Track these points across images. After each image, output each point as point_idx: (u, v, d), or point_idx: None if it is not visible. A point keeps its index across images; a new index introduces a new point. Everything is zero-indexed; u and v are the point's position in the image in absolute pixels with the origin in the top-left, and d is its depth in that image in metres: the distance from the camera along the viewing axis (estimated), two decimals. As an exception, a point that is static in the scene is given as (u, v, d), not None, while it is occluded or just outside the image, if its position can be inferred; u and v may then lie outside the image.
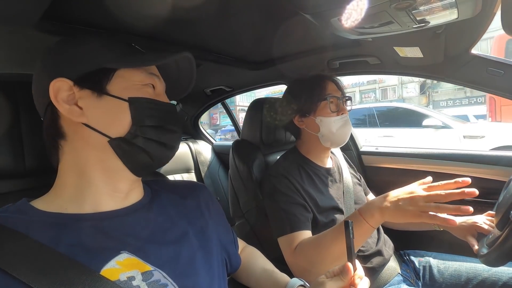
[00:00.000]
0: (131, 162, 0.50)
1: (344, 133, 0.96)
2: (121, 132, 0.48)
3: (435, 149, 1.31)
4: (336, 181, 1.02)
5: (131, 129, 0.48)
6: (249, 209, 1.19)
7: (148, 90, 0.51)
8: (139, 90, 0.50)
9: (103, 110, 0.48)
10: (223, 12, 0.76)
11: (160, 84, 0.54)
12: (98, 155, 0.48)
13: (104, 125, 0.48)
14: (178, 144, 0.55)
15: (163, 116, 0.51)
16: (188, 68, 0.58)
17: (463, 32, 0.81)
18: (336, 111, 0.95)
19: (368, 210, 0.70)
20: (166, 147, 0.52)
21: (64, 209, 0.47)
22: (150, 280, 0.44)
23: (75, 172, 0.49)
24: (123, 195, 0.52)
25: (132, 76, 0.50)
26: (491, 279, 0.89)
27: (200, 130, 2.21)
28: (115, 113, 0.48)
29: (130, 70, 0.50)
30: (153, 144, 0.50)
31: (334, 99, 0.95)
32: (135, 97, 0.49)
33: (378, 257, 0.92)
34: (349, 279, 0.47)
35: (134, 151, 0.49)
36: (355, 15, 0.66)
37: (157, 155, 0.51)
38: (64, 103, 0.47)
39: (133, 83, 0.50)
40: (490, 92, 1.00)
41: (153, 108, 0.50)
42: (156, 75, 0.54)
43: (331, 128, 0.94)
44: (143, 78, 0.51)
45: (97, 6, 0.66)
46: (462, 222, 0.87)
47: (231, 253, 0.66)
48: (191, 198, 0.61)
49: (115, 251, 0.44)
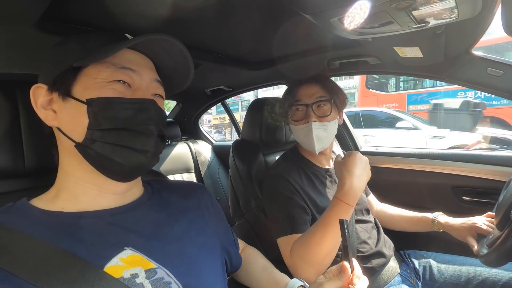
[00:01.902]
0: (101, 168, 0.46)
1: (308, 141, 0.92)
2: (81, 137, 0.45)
3: (435, 149, 1.31)
4: (335, 181, 1.01)
5: (87, 134, 0.44)
6: (249, 209, 1.19)
7: (115, 87, 0.46)
8: (103, 88, 0.45)
9: (68, 114, 0.46)
10: (223, 12, 0.76)
11: (139, 79, 0.49)
12: (76, 158, 0.47)
13: (69, 129, 0.46)
14: (155, 148, 0.48)
15: (130, 116, 0.45)
16: (183, 60, 0.53)
17: (463, 32, 0.81)
18: (301, 119, 0.93)
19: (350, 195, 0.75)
20: (137, 151, 0.46)
21: (62, 208, 0.47)
22: (154, 278, 0.44)
23: (63, 174, 0.49)
24: (118, 196, 0.51)
25: (97, 73, 0.45)
26: (491, 279, 0.88)
27: (200, 130, 2.21)
28: (75, 116, 0.45)
29: (96, 67, 0.45)
30: (117, 149, 0.45)
31: (301, 106, 0.93)
32: (93, 97, 0.44)
33: (378, 258, 0.92)
34: (347, 278, 0.47)
35: (97, 157, 0.45)
36: (355, 16, 0.66)
37: (125, 160, 0.45)
38: (42, 108, 0.47)
39: (96, 81, 0.45)
40: (490, 92, 1.00)
41: (116, 108, 0.44)
42: (131, 69, 0.48)
43: (298, 136, 0.96)
44: (109, 74, 0.46)
45: (97, 6, 0.66)
46: (462, 223, 0.87)
47: (232, 253, 0.66)
48: (191, 198, 0.61)
49: (118, 248, 0.44)
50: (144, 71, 0.50)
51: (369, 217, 1.01)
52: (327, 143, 0.96)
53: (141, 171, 0.50)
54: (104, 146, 0.44)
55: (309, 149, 0.95)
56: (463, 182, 1.21)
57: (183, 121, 2.11)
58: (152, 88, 0.51)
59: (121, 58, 0.47)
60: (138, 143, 0.46)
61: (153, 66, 0.54)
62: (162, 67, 0.55)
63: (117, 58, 0.46)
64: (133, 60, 0.49)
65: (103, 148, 0.44)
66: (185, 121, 2.12)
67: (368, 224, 0.98)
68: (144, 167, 0.48)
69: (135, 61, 0.49)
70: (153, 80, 0.51)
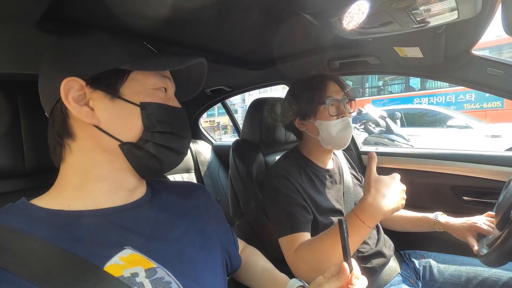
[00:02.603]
0: (140, 166, 0.50)
1: (344, 136, 0.93)
2: (132, 137, 0.48)
3: (435, 149, 1.31)
4: (337, 182, 1.01)
5: (142, 135, 0.48)
6: (249, 209, 1.19)
7: (160, 94, 0.51)
8: (152, 94, 0.49)
9: (115, 114, 0.47)
10: (223, 12, 0.76)
11: (171, 87, 0.54)
12: (108, 156, 0.48)
13: (116, 128, 0.47)
14: (187, 150, 0.55)
15: (173, 121, 0.51)
16: (198, 71, 0.58)
17: (463, 32, 0.81)
18: (336, 114, 0.93)
19: (367, 213, 0.69)
20: (176, 153, 0.52)
21: (67, 206, 0.46)
22: (154, 277, 0.44)
23: (81, 171, 0.48)
24: (128, 193, 0.52)
25: (146, 79, 0.49)
26: (491, 279, 0.88)
27: (200, 130, 2.21)
28: (126, 117, 0.47)
29: (144, 73, 0.49)
30: (163, 150, 0.50)
31: (334, 101, 0.93)
32: (147, 102, 0.48)
33: (378, 258, 0.92)
34: (346, 279, 0.47)
35: (144, 156, 0.49)
36: (355, 16, 0.66)
37: (166, 160, 0.51)
38: (74, 102, 0.46)
39: (146, 87, 0.49)
40: (490, 92, 1.00)
41: (164, 114, 0.50)
42: (169, 78, 0.53)
43: (331, 132, 0.92)
44: (156, 81, 0.50)
45: (97, 6, 0.66)
46: (462, 223, 0.87)
47: (232, 253, 0.66)
48: (191, 198, 0.61)
49: (118, 247, 0.44)
50: (172, 81, 0.55)
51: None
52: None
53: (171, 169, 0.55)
54: (155, 147, 0.49)
55: (338, 145, 0.96)
56: (463, 182, 1.21)
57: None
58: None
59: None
60: (179, 145, 0.52)
61: None
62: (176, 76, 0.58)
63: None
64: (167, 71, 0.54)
65: (154, 148, 0.49)
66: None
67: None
68: (175, 165, 0.54)
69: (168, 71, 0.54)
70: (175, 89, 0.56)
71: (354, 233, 0.68)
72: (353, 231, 0.68)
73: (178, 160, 0.54)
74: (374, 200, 0.68)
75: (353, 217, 0.70)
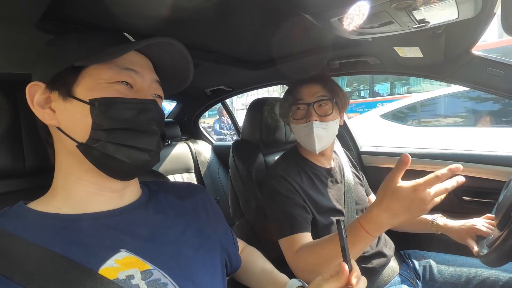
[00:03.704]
0: (103, 168, 0.47)
1: (309, 140, 0.92)
2: (84, 137, 0.45)
3: (435, 149, 1.31)
4: (337, 181, 1.01)
5: (91, 134, 0.45)
6: (249, 209, 1.19)
7: (118, 87, 0.46)
8: (106, 89, 0.45)
9: (69, 114, 0.46)
10: (223, 12, 0.75)
11: (141, 80, 0.49)
12: (76, 158, 0.47)
13: (71, 129, 0.46)
14: (158, 147, 0.50)
15: (133, 116, 0.46)
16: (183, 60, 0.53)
17: (463, 32, 0.81)
18: (302, 118, 0.93)
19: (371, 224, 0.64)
20: (141, 151, 0.47)
21: (58, 209, 0.47)
22: (150, 279, 0.44)
23: (62, 173, 0.49)
24: (117, 194, 0.51)
25: (100, 73, 0.46)
26: (491, 279, 0.88)
27: (200, 130, 2.21)
28: (78, 117, 0.45)
29: (98, 67, 0.46)
30: (122, 149, 0.45)
31: (303, 105, 0.93)
32: (96, 98, 0.44)
33: (378, 258, 0.92)
34: (345, 279, 0.47)
35: (100, 157, 0.45)
36: (355, 16, 0.66)
37: (129, 160, 0.46)
38: (38, 106, 0.47)
39: (99, 82, 0.45)
40: (490, 92, 1.00)
41: (119, 108, 0.45)
42: (134, 70, 0.48)
43: (299, 135, 0.96)
44: (112, 75, 0.46)
45: (97, 6, 0.66)
46: (460, 225, 0.87)
47: (231, 253, 0.66)
48: (189, 199, 0.61)
49: (113, 250, 0.44)
50: (146, 72, 0.50)
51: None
52: (327, 143, 0.96)
53: (144, 170, 0.51)
54: (108, 146, 0.45)
55: (310, 148, 0.95)
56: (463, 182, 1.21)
57: (183, 121, 2.11)
58: (152, 89, 0.51)
59: (124, 59, 0.47)
60: (143, 142, 0.47)
61: (152, 66, 0.54)
62: (161, 66, 0.55)
63: (119, 59, 0.46)
64: (135, 61, 0.49)
65: (107, 148, 0.45)
66: (185, 121, 2.12)
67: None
68: (147, 165, 0.49)
69: (137, 62, 0.49)
70: (153, 81, 0.52)
71: (358, 242, 0.66)
72: (358, 240, 0.65)
73: (147, 158, 0.48)
74: (381, 213, 0.61)
75: (358, 227, 0.65)
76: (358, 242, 0.66)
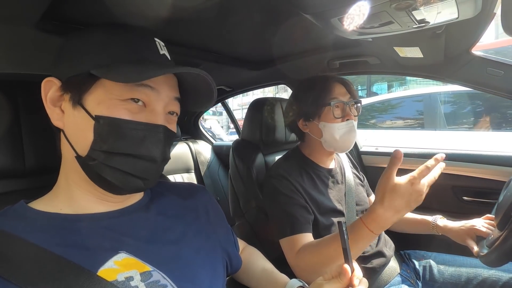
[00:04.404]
0: (99, 183, 0.46)
1: (348, 139, 0.92)
2: (83, 151, 0.44)
3: (435, 149, 1.31)
4: (338, 182, 1.01)
5: (89, 152, 0.43)
6: (249, 209, 1.19)
7: (129, 107, 0.43)
8: (116, 106, 0.43)
9: (75, 122, 0.44)
10: (223, 12, 0.75)
11: (156, 97, 0.45)
12: (75, 166, 0.46)
13: (73, 138, 0.45)
14: (156, 174, 0.48)
15: (136, 141, 0.43)
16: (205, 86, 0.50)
17: (463, 32, 0.81)
18: (341, 117, 0.91)
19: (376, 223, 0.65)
20: (136, 177, 0.45)
21: (60, 210, 0.46)
22: (149, 281, 0.44)
23: (64, 175, 0.49)
24: (116, 203, 0.50)
25: (114, 87, 0.43)
26: (491, 279, 0.88)
27: (200, 130, 2.21)
28: (81, 128, 0.43)
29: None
30: (117, 173, 0.43)
31: (340, 103, 0.91)
32: (102, 115, 0.42)
33: (378, 258, 0.92)
34: (346, 281, 0.47)
35: (95, 175, 0.44)
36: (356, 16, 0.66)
37: (124, 185, 0.45)
38: (50, 103, 0.46)
39: (111, 96, 0.43)
40: (490, 92, 1.00)
41: (123, 132, 0.42)
42: (150, 86, 0.44)
43: (335, 135, 0.91)
44: (126, 91, 0.43)
45: (97, 6, 0.66)
46: (460, 226, 0.87)
47: (232, 254, 0.66)
48: (190, 200, 0.61)
49: (113, 251, 0.44)
50: (163, 90, 0.46)
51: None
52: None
53: (137, 192, 0.50)
54: (105, 168, 0.43)
55: (341, 148, 0.94)
56: (463, 182, 1.21)
57: (183, 121, 2.11)
58: (168, 107, 0.48)
59: None
60: (139, 170, 0.45)
61: (176, 83, 0.50)
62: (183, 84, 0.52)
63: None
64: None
65: (103, 170, 0.43)
66: (185, 121, 2.12)
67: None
68: (140, 190, 0.49)
69: (156, 78, 0.44)
70: (171, 98, 0.48)
71: (361, 240, 0.67)
72: (361, 239, 0.66)
73: (141, 184, 0.46)
74: (386, 212, 0.63)
75: (361, 226, 0.66)
76: (361, 241, 0.67)
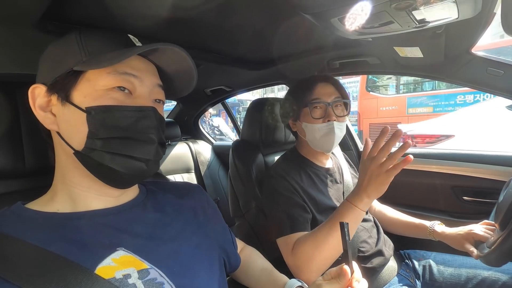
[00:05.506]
0: (100, 176, 0.46)
1: (328, 140, 0.92)
2: (80, 145, 0.44)
3: (435, 149, 1.31)
4: (337, 181, 1.01)
5: (86, 143, 0.44)
6: (249, 209, 1.19)
7: (115, 95, 0.45)
8: (102, 97, 0.44)
9: (67, 120, 0.45)
10: (223, 12, 0.76)
11: (140, 85, 0.47)
12: (74, 163, 0.46)
13: (68, 135, 0.45)
14: (156, 155, 0.48)
15: (130, 124, 0.45)
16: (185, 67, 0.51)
17: (463, 32, 0.81)
18: (321, 117, 0.92)
19: (357, 196, 0.72)
20: (138, 160, 0.46)
21: (57, 210, 0.47)
22: (146, 278, 0.44)
23: (60, 176, 0.49)
24: (113, 198, 0.51)
25: (98, 79, 0.44)
26: (491, 278, 0.88)
27: (200, 130, 2.21)
28: (74, 124, 0.44)
29: (97, 72, 0.44)
30: (118, 158, 0.44)
31: (321, 104, 0.92)
32: (92, 106, 0.43)
33: (378, 257, 0.92)
34: (346, 282, 0.47)
35: (97, 166, 0.45)
36: (356, 15, 0.66)
37: (127, 170, 0.45)
38: (40, 109, 0.46)
39: (96, 88, 0.44)
40: (490, 92, 1.00)
41: (116, 117, 0.44)
42: (134, 75, 0.46)
43: (315, 135, 0.93)
44: (111, 80, 0.44)
45: (97, 6, 0.66)
46: (458, 232, 0.87)
47: (230, 252, 0.66)
48: (186, 198, 0.61)
49: (111, 248, 0.44)
50: (146, 77, 0.48)
51: (369, 216, 1.01)
52: (337, 143, 0.97)
53: (141, 179, 0.50)
54: (104, 155, 0.44)
55: (323, 149, 0.95)
56: (463, 182, 1.21)
57: (183, 121, 2.11)
58: (153, 94, 0.50)
59: (124, 64, 0.45)
60: (139, 151, 0.46)
61: (156, 70, 0.52)
62: (164, 70, 0.54)
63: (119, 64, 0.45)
64: (135, 65, 0.47)
65: (103, 157, 0.44)
66: (185, 121, 2.12)
67: (368, 223, 0.98)
68: (144, 174, 0.48)
69: (137, 66, 0.47)
70: (155, 85, 0.50)
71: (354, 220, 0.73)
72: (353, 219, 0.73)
73: (143, 168, 0.47)
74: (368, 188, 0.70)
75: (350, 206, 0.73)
76: (354, 221, 0.73)
